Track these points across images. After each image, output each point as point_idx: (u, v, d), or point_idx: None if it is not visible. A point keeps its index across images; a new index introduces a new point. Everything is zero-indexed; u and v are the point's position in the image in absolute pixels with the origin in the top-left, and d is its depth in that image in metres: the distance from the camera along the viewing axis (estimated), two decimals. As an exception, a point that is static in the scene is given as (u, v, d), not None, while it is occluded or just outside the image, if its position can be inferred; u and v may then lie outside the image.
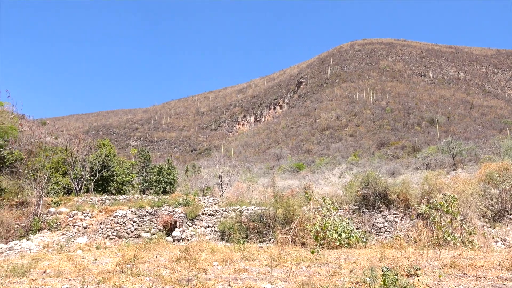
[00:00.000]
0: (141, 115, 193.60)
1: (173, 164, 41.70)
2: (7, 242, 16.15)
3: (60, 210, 19.41)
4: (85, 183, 29.99)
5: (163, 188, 35.95)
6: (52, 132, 37.28)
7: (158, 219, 18.40)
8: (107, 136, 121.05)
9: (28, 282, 9.69)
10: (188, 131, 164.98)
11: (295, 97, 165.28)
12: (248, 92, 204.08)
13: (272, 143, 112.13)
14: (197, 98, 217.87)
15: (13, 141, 23.68)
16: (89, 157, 32.10)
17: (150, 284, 9.21)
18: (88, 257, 13.28)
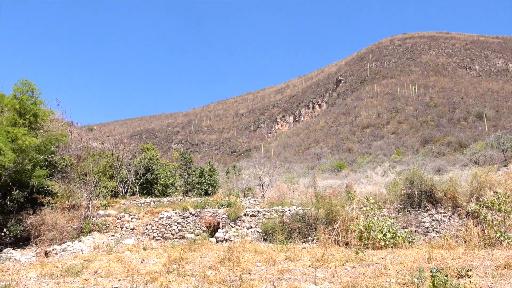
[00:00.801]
0: (182, 118, 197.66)
1: (214, 166, 42.28)
2: (61, 243, 16.95)
3: (108, 213, 20.14)
4: (130, 186, 30.96)
5: (205, 190, 36.52)
6: (98, 138, 38.74)
7: (202, 220, 18.70)
8: (150, 140, 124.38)
9: (81, 282, 10.11)
10: (228, 133, 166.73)
11: (334, 95, 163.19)
12: (286, 92, 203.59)
13: (311, 143, 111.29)
14: (236, 100, 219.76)
15: (63, 147, 24.83)
16: (134, 160, 33.12)
17: (196, 284, 9.36)
18: (136, 257, 13.70)
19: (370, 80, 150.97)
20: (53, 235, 17.55)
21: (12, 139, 16.43)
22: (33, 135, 18.13)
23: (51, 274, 11.31)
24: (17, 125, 17.95)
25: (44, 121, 20.28)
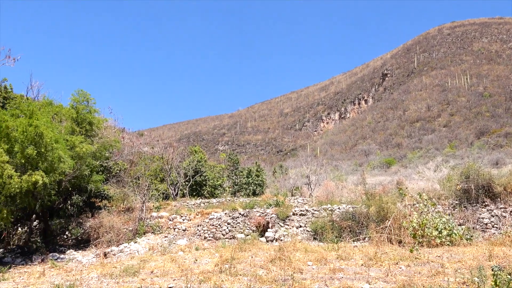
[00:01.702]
0: (227, 120, 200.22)
1: (261, 166, 42.53)
2: (118, 245, 17.73)
3: (161, 215, 20.82)
4: (180, 188, 31.81)
5: (253, 190, 36.81)
6: (149, 142, 40.13)
7: (251, 220, 18.89)
8: (197, 143, 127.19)
9: (139, 282, 10.53)
10: (273, 133, 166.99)
11: (381, 90, 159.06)
12: (330, 89, 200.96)
13: (359, 140, 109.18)
14: (280, 100, 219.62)
15: (117, 152, 25.95)
16: (183, 163, 34.00)
17: (248, 283, 9.47)
18: (189, 258, 14.06)
19: (418, 72, 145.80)
20: (111, 237, 18.38)
21: (71, 146, 17.37)
22: (89, 142, 19.06)
23: (110, 274, 11.86)
24: (74, 133, 18.97)
25: (99, 128, 21.29)
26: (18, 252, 17.58)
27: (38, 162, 15.18)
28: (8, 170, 14.03)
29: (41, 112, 16.80)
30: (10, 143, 14.85)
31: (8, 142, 14.84)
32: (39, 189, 15.32)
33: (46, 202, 17.29)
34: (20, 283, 11.47)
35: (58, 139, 16.10)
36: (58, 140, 15.96)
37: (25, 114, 16.02)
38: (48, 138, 15.17)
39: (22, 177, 14.40)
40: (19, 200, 15.17)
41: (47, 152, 15.33)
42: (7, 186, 13.97)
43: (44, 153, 15.21)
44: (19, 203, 15.39)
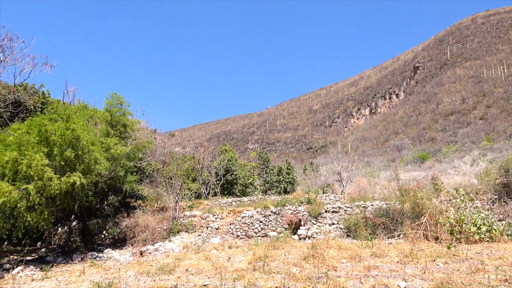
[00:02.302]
0: (257, 118, 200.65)
1: (291, 163, 42.42)
2: (153, 243, 18.13)
3: (194, 213, 21.13)
4: (212, 187, 32.17)
5: (284, 188, 36.77)
6: (180, 143, 40.81)
7: (283, 218, 18.88)
8: (227, 142, 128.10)
9: (174, 279, 10.73)
10: (303, 130, 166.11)
11: (412, 83, 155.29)
12: (360, 84, 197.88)
13: (390, 135, 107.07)
14: (309, 96, 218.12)
15: (150, 153, 26.52)
16: (214, 162, 34.36)
17: (282, 281, 9.48)
18: (223, 256, 14.20)
19: (451, 64, 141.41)
20: (146, 236, 18.81)
21: (106, 148, 17.89)
22: (124, 144, 19.57)
23: (147, 272, 12.14)
24: (109, 135, 19.51)
25: (132, 130, 21.82)
26: (59, 251, 18.26)
27: (75, 164, 15.72)
28: (48, 172, 14.59)
29: (77, 116, 17.37)
30: (50, 146, 15.43)
31: (48, 146, 15.43)
32: (77, 190, 15.86)
33: (84, 202, 17.88)
34: (62, 281, 11.92)
35: (94, 141, 16.61)
36: (94, 143, 16.47)
37: (62, 118, 16.61)
38: (85, 141, 15.67)
39: (61, 178, 14.95)
40: (59, 201, 15.75)
41: (84, 154, 15.84)
42: (47, 188, 14.54)
43: (81, 155, 15.72)
44: (59, 204, 15.98)
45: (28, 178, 14.68)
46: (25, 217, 14.23)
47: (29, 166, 14.37)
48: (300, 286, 8.96)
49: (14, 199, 13.86)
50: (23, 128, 16.08)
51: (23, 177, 14.67)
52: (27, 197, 14.25)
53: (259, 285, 9.31)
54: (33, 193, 14.18)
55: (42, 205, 14.77)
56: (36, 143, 15.24)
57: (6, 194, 13.70)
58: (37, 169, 14.34)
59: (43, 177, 14.42)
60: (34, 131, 15.56)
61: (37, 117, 17.17)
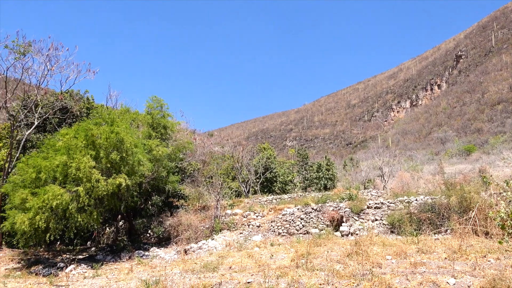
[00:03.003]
0: (294, 115, 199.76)
1: (331, 160, 41.98)
2: (196, 242, 18.50)
3: (235, 212, 21.36)
4: (251, 185, 32.40)
5: (324, 184, 36.48)
6: (219, 142, 41.35)
7: (324, 215, 18.73)
8: (265, 140, 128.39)
9: (218, 277, 10.90)
10: (341, 126, 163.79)
11: (455, 73, 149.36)
12: (399, 76, 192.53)
13: (433, 127, 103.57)
14: (347, 91, 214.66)
15: (190, 153, 27.06)
16: (253, 161, 34.60)
17: (325, 278, 9.42)
18: (265, 253, 14.28)
19: (496, 51, 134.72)
20: (189, 235, 19.21)
21: (148, 150, 18.44)
22: (165, 145, 20.08)
23: (192, 270, 12.41)
24: (151, 137, 20.09)
25: (172, 131, 22.35)
26: (108, 250, 18.99)
27: (120, 166, 16.30)
28: (96, 174, 15.23)
29: (120, 120, 17.99)
30: (96, 149, 16.08)
31: (94, 149, 16.09)
32: (123, 191, 16.45)
33: (129, 203, 18.52)
34: (112, 279, 12.39)
35: (137, 143, 17.16)
36: (137, 145, 17.01)
37: (106, 122, 17.26)
38: (128, 143, 16.22)
39: (108, 180, 15.56)
40: (106, 202, 16.40)
41: (128, 156, 16.41)
42: (95, 190, 15.17)
43: (126, 157, 16.30)
44: (106, 205, 16.64)
45: (77, 181, 15.38)
46: (76, 218, 14.91)
47: (78, 169, 15.05)
48: (344, 283, 8.88)
49: (66, 201, 14.56)
50: (70, 133, 16.86)
51: (73, 179, 15.39)
52: (77, 199, 14.93)
53: (303, 282, 9.30)
54: (82, 194, 14.85)
55: (91, 206, 15.43)
56: (84, 147, 15.94)
57: (58, 196, 14.42)
58: (85, 171, 15.00)
59: (91, 179, 15.06)
60: (81, 136, 16.28)
61: (83, 122, 17.95)
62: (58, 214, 14.96)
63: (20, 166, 16.70)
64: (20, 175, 16.43)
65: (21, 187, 15.70)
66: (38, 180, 15.48)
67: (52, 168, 15.43)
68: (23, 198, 14.94)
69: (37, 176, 15.45)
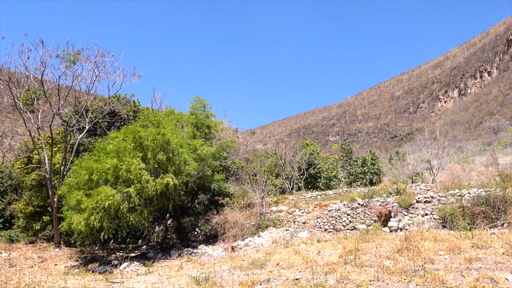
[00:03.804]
0: (336, 110, 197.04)
1: (376, 154, 41.10)
2: (243, 239, 18.70)
3: (280, 209, 21.39)
4: (295, 181, 32.31)
5: (370, 179, 35.77)
6: (261, 140, 41.53)
7: (371, 210, 18.37)
8: (307, 136, 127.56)
9: (266, 273, 10.97)
10: (385, 119, 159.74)
11: (506, 58, 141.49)
12: (446, 65, 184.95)
13: (484, 116, 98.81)
14: (390, 83, 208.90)
15: (233, 152, 27.40)
16: (296, 157, 34.47)
17: (375, 274, 9.25)
18: (312, 250, 14.21)
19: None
20: (236, 232, 19.46)
21: (193, 150, 18.84)
22: (209, 145, 20.44)
23: (240, 267, 12.58)
24: (195, 137, 20.51)
25: (216, 131, 22.71)
26: (158, 248, 19.62)
27: (167, 166, 16.78)
28: (145, 175, 15.78)
29: (165, 121, 18.50)
30: (144, 151, 16.64)
31: (142, 151, 16.66)
32: (170, 191, 16.92)
33: (177, 202, 19.01)
34: (163, 275, 12.79)
35: (182, 144, 17.57)
36: (182, 145, 17.43)
37: (153, 124, 17.81)
38: (174, 144, 16.67)
39: (156, 180, 16.07)
40: (156, 201, 16.95)
41: (174, 157, 16.86)
42: (145, 190, 15.73)
43: (172, 157, 16.76)
44: (155, 204, 17.19)
45: (128, 182, 16.00)
46: (128, 217, 15.54)
47: (128, 171, 15.66)
48: (395, 280, 8.69)
49: (118, 202, 15.19)
50: (120, 136, 17.55)
51: (123, 181, 16.03)
52: (128, 199, 15.54)
53: (352, 278, 9.19)
54: (133, 195, 15.44)
55: (141, 205, 16.02)
56: (132, 149, 16.56)
57: (110, 197, 15.07)
58: (135, 173, 15.58)
59: (141, 180, 15.62)
60: (129, 138, 16.91)
61: (131, 125, 18.62)
62: (110, 214, 15.62)
63: (74, 168, 17.63)
64: (75, 177, 17.33)
65: (76, 189, 16.54)
66: (91, 182, 16.26)
67: (103, 170, 16.15)
68: (78, 200, 15.73)
69: (90, 178, 16.23)
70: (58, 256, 19.51)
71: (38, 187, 24.46)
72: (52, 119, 21.93)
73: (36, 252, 20.42)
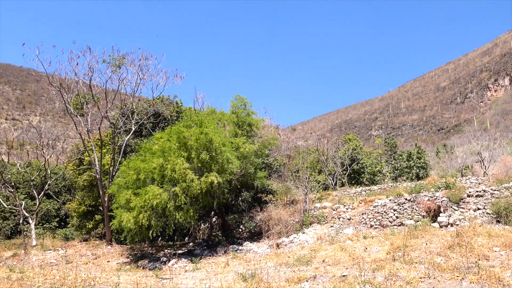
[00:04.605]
0: (378, 103, 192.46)
1: (421, 147, 39.80)
2: (287, 236, 18.72)
3: (324, 205, 21.21)
4: (338, 177, 31.87)
5: (416, 174, 34.70)
6: (302, 136, 41.26)
7: (419, 205, 17.83)
8: (349, 131, 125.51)
9: (312, 270, 10.93)
10: (431, 110, 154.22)
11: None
12: (495, 52, 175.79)
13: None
14: (435, 73, 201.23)
15: (275, 149, 27.42)
16: (338, 153, 33.99)
17: (426, 271, 8.99)
18: (358, 246, 14.01)
19: None
20: (280, 229, 19.50)
21: (235, 148, 19.04)
22: (251, 142, 20.57)
23: (285, 264, 12.61)
24: (237, 135, 20.71)
25: (257, 128, 22.81)
26: (204, 245, 20.01)
27: (211, 165, 17.07)
28: (190, 174, 16.14)
29: (207, 121, 18.80)
30: (188, 151, 17.02)
31: (186, 150, 17.05)
32: (214, 189, 17.21)
33: (221, 200, 19.30)
34: (210, 272, 13.04)
35: (225, 142, 17.81)
36: (225, 144, 17.67)
37: (196, 124, 18.16)
38: (217, 143, 16.93)
39: (201, 179, 16.41)
40: (201, 200, 17.30)
41: (217, 155, 17.12)
42: (190, 189, 16.10)
43: (215, 156, 17.03)
44: (200, 202, 17.55)
45: (173, 181, 16.45)
46: (174, 215, 15.98)
47: (173, 170, 16.10)
48: (447, 277, 8.41)
49: (164, 200, 15.66)
50: (164, 136, 18.05)
51: (169, 180, 16.49)
52: (175, 198, 15.98)
53: (401, 275, 8.97)
54: (180, 194, 15.87)
55: (187, 204, 16.41)
56: (177, 149, 17.00)
57: (158, 196, 15.56)
58: (180, 172, 15.99)
59: (186, 179, 16.00)
60: (173, 138, 17.36)
61: (175, 125, 19.10)
62: (158, 212, 16.12)
63: (122, 169, 18.34)
64: (123, 177, 18.02)
65: (125, 188, 17.19)
66: (139, 181, 16.86)
67: (150, 170, 16.69)
68: (127, 199, 16.35)
69: (138, 178, 16.83)
70: (110, 253, 20.36)
71: (90, 187, 25.63)
72: (100, 122, 22.86)
73: (90, 250, 21.40)
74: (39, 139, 25.12)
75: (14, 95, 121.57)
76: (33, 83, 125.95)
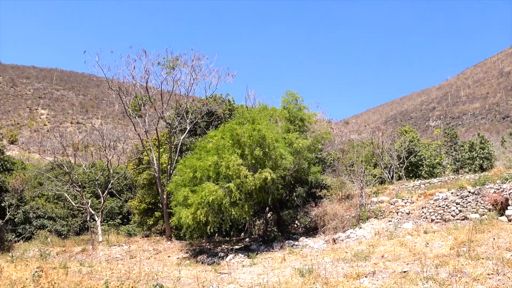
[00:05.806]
0: (435, 93, 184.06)
1: (485, 137, 37.58)
2: (344, 231, 18.46)
3: (381, 199, 20.67)
4: (395, 171, 30.90)
5: (479, 165, 32.85)
6: (356, 129, 40.45)
7: (484, 198, 16.87)
8: (405, 122, 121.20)
9: (371, 266, 10.73)
10: (494, 98, 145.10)
11: None
12: None
13: None
14: (498, 58, 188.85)
15: (328, 143, 27.09)
16: (394, 145, 32.95)
17: (493, 268, 8.55)
18: (419, 241, 13.55)
19: None
20: (336, 224, 19.27)
21: (288, 143, 19.06)
22: (304, 137, 20.47)
23: (343, 259, 12.47)
24: (289, 131, 20.71)
25: (310, 123, 22.67)
26: (260, 241, 20.23)
27: (264, 161, 17.22)
28: (244, 171, 16.39)
29: (260, 117, 18.94)
30: (241, 147, 17.30)
31: (240, 147, 17.33)
32: (268, 185, 17.34)
33: (275, 195, 19.41)
34: (267, 267, 13.19)
35: (278, 138, 17.88)
36: (277, 140, 17.74)
37: (248, 121, 18.38)
38: (270, 139, 17.04)
39: (254, 175, 16.61)
40: (255, 196, 17.52)
41: (270, 151, 17.23)
42: (244, 185, 16.35)
43: (268, 152, 17.16)
44: (255, 198, 17.77)
45: (228, 178, 16.80)
46: (230, 211, 16.31)
47: (227, 167, 16.44)
48: (518, 273, 7.94)
49: (220, 197, 16.03)
50: (218, 134, 18.44)
51: (224, 177, 16.85)
52: (230, 194, 16.31)
53: (467, 272, 8.59)
54: (234, 190, 16.19)
55: (242, 200, 16.68)
56: (230, 146, 17.33)
57: (213, 192, 15.96)
58: (234, 169, 16.29)
59: (240, 175, 16.28)
60: (227, 136, 17.70)
61: (227, 123, 19.43)
62: (214, 209, 16.51)
63: (179, 167, 18.97)
64: (180, 175, 18.63)
65: (182, 186, 17.77)
66: (195, 179, 17.37)
67: (205, 167, 17.13)
68: (185, 196, 16.90)
69: (194, 175, 17.34)
70: (170, 248, 21.14)
71: (149, 186, 26.73)
72: (157, 122, 23.76)
73: (151, 245, 22.35)
74: (101, 141, 26.57)
75: (77, 100, 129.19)
76: (94, 88, 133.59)
